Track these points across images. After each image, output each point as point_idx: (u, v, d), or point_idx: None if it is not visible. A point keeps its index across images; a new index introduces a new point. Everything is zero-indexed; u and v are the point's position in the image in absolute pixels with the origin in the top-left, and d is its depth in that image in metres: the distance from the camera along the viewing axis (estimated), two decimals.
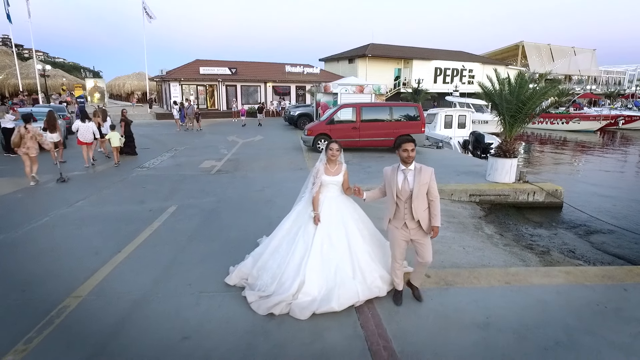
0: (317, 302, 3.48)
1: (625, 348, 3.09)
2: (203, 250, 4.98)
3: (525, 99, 8.32)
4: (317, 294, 3.55)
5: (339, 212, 3.85)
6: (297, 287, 3.55)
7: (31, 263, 4.57)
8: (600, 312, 3.60)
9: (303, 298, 3.51)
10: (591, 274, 4.44)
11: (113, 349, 3.03)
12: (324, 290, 3.58)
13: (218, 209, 6.84)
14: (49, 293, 3.84)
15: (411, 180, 3.40)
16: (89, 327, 3.32)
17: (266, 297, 3.57)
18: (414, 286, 3.80)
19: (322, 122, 13.59)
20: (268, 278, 3.77)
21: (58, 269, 4.39)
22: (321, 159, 3.90)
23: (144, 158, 12.00)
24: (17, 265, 4.53)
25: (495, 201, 8.54)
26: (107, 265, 4.48)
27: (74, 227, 5.83)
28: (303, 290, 3.54)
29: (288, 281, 3.63)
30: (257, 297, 3.60)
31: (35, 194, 7.81)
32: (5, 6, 26.77)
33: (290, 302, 3.48)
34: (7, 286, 4.00)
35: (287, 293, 3.52)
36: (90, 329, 3.29)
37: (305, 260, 3.67)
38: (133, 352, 2.99)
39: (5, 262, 4.61)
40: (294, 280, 3.59)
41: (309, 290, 3.55)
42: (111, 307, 3.62)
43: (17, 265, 4.53)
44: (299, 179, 9.05)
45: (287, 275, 3.68)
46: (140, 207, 6.92)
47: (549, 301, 3.77)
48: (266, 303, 3.49)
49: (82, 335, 3.20)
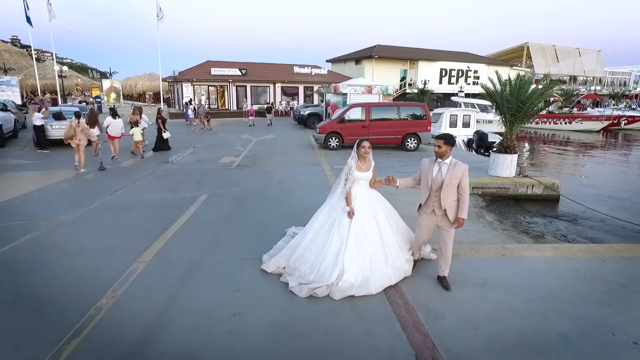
0: (355, 287, 3.81)
1: (597, 301, 3.79)
2: (238, 230, 5.74)
3: (525, 98, 9.00)
4: (354, 281, 3.87)
5: (370, 205, 4.15)
6: (337, 276, 3.87)
7: (95, 238, 5.36)
8: (579, 277, 4.31)
9: (343, 285, 3.82)
10: (576, 249, 5.14)
11: (182, 297, 3.79)
12: (361, 277, 3.90)
13: (244, 197, 7.60)
14: (117, 260, 4.61)
15: (445, 172, 3.77)
16: (158, 282, 4.08)
17: (306, 283, 3.90)
18: (443, 277, 4.06)
19: (333, 121, 14.32)
20: (306, 268, 4.06)
21: (120, 243, 5.18)
22: (352, 157, 4.12)
23: (167, 154, 12.81)
24: (84, 239, 5.32)
25: (497, 193, 9.21)
26: (159, 240, 5.26)
27: (122, 210, 6.63)
28: (343, 279, 3.85)
29: (327, 271, 3.93)
30: (297, 282, 3.93)
31: (78, 183, 8.63)
32: (25, 9, 27.85)
33: (329, 289, 3.81)
34: (83, 252, 4.79)
35: (327, 282, 3.84)
36: (159, 284, 4.05)
37: (343, 251, 3.96)
38: (203, 300, 3.75)
39: (74, 236, 5.40)
40: (333, 270, 3.90)
41: (348, 279, 3.86)
42: (173, 268, 4.39)
43: (84, 239, 5.32)
44: (314, 173, 9.92)
45: (326, 265, 3.97)
46: (174, 195, 7.71)
47: (537, 268, 4.48)
48: (307, 287, 3.83)
49: (155, 287, 3.96)
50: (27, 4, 27.77)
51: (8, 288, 3.98)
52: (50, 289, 3.96)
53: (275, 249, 4.69)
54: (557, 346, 3.08)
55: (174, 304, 3.67)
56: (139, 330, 3.25)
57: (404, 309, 3.58)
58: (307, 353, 2.99)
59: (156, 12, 26.74)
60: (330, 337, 3.18)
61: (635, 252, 5.07)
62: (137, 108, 13.11)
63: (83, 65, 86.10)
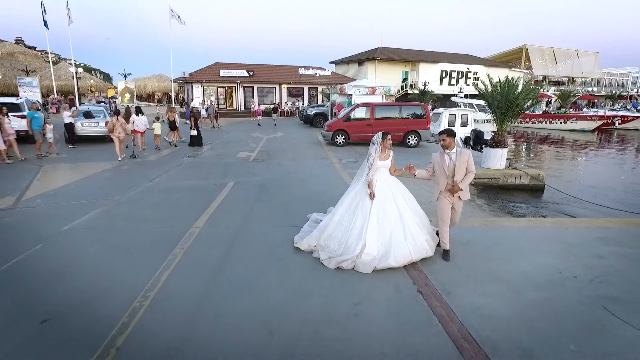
0: (377, 260, 4.35)
1: (554, 253, 4.91)
2: (266, 207, 6.89)
3: (513, 98, 10.13)
4: (376, 254, 4.39)
5: (390, 189, 4.70)
6: (360, 248, 4.41)
7: (152, 212, 6.52)
8: (544, 239, 5.43)
9: (365, 258, 4.35)
10: (545, 221, 6.29)
11: (235, 249, 4.94)
12: (382, 251, 4.43)
13: (266, 184, 8.75)
14: (176, 226, 5.75)
15: (454, 159, 4.51)
16: (214, 240, 5.22)
17: (334, 257, 4.51)
18: (446, 251, 4.76)
19: (340, 119, 15.48)
20: (335, 245, 4.65)
21: (173, 215, 6.33)
22: (375, 147, 4.67)
23: (188, 150, 13.99)
24: (143, 212, 6.48)
25: (488, 183, 10.34)
26: (205, 214, 6.40)
27: (165, 193, 7.79)
28: (365, 251, 4.38)
29: (352, 245, 4.49)
30: (327, 256, 4.55)
31: (118, 173, 9.80)
32: (42, 14, 29.11)
33: (353, 261, 4.37)
34: (147, 221, 5.94)
35: (352, 254, 4.40)
36: (215, 241, 5.19)
37: (365, 228, 4.50)
38: (253, 249, 4.89)
39: (134, 210, 6.55)
40: (357, 244, 4.45)
41: (370, 251, 4.39)
42: (223, 231, 5.54)
43: (143, 212, 6.48)
44: (323, 166, 11.09)
45: (351, 240, 4.54)
46: (206, 182, 8.86)
47: (511, 233, 5.61)
48: (335, 260, 4.43)
49: (213, 242, 5.10)
50: (44, 8, 29.08)
51: (101, 243, 5.13)
52: (135, 245, 5.11)
53: (302, 231, 5.31)
54: (518, 280, 4.21)
55: (230, 253, 4.82)
56: (209, 270, 4.40)
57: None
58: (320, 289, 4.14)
59: (169, 17, 27.91)
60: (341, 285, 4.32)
61: (595, 223, 6.20)
62: (170, 107, 14.54)
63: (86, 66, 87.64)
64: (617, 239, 5.46)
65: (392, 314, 3.54)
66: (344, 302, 3.72)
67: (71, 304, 3.62)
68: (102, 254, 4.80)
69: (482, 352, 3.01)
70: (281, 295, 3.85)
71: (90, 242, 5.17)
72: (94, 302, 3.68)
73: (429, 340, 3.16)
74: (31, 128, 11.57)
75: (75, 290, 3.89)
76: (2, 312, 3.50)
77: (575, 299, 3.84)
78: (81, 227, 5.73)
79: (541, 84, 48.13)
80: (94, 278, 4.15)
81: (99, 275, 4.21)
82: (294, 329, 3.30)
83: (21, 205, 6.77)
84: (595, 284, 4.13)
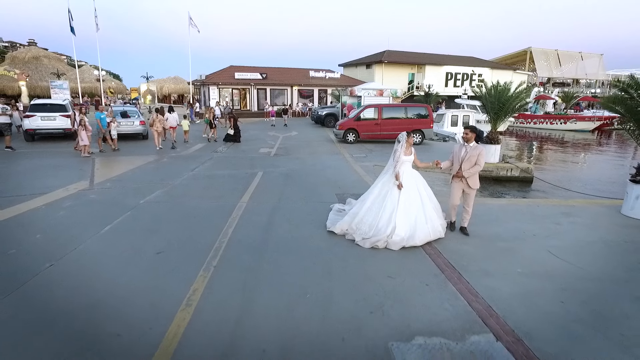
0: (404, 240, 5.11)
1: (525, 221, 6.35)
2: (294, 189, 8.42)
3: (504, 100, 11.56)
4: (404, 235, 5.14)
5: (414, 181, 5.44)
6: (390, 230, 5.17)
7: (205, 192, 8.08)
8: (519, 212, 6.88)
9: (395, 238, 5.10)
10: (522, 201, 7.78)
11: (278, 215, 6.46)
12: (408, 232, 5.17)
13: (291, 173, 10.28)
14: (227, 202, 7.29)
15: (468, 151, 5.42)
16: (259, 209, 6.75)
17: (368, 238, 5.23)
18: (464, 227, 5.77)
19: (350, 119, 16.99)
20: (366, 227, 5.37)
21: (222, 195, 7.88)
22: (401, 145, 5.36)
23: (214, 146, 15.61)
24: (198, 192, 8.04)
25: (482, 175, 11.55)
26: (246, 194, 7.95)
27: (208, 179, 9.37)
28: (395, 232, 5.13)
29: (383, 228, 5.22)
30: (361, 238, 5.28)
31: (162, 165, 11.41)
32: (69, 20, 31.05)
33: (386, 240, 5.13)
34: (204, 197, 7.49)
35: (383, 235, 5.13)
36: (260, 210, 6.72)
37: (395, 213, 5.24)
38: (292, 214, 6.41)
39: (190, 192, 8.12)
40: (388, 226, 5.20)
41: (399, 232, 5.14)
42: (264, 205, 7.07)
43: (198, 192, 8.04)
44: (337, 160, 12.63)
45: (382, 224, 5.26)
46: (238, 171, 10.43)
47: (492, 208, 7.07)
48: (369, 240, 5.17)
49: (259, 211, 6.63)
50: (71, 15, 31.01)
51: (174, 212, 6.69)
52: (200, 213, 6.65)
53: (330, 219, 6.06)
54: (490, 236, 5.67)
55: (274, 218, 6.35)
56: (262, 228, 5.94)
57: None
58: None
59: (188, 24, 29.66)
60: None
61: (563, 203, 7.64)
62: (209, 108, 16.69)
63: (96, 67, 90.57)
64: (576, 213, 6.90)
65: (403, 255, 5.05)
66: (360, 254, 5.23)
67: (177, 241, 5.17)
68: (178, 219, 6.35)
69: (453, 268, 4.50)
70: (316, 244, 5.36)
71: (165, 210, 6.76)
72: (189, 242, 5.23)
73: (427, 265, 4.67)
74: (102, 127, 13.13)
75: (172, 237, 5.44)
76: (124, 244, 5.05)
77: (530, 246, 5.31)
78: (153, 201, 7.33)
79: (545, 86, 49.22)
80: (179, 234, 5.70)
81: (183, 232, 5.76)
82: (333, 261, 4.82)
83: (97, 187, 8.38)
84: (548, 238, 5.59)
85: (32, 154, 12.41)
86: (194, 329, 3.32)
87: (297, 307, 3.71)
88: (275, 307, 3.70)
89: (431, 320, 3.50)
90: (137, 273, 4.39)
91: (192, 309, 3.61)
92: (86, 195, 7.70)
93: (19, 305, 3.68)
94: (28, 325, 3.36)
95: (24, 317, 3.48)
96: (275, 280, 4.26)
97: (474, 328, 3.39)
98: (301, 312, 3.63)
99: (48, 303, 3.73)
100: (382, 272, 4.45)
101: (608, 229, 6.11)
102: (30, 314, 3.53)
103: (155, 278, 4.26)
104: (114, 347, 3.09)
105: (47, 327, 3.34)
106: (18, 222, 6.04)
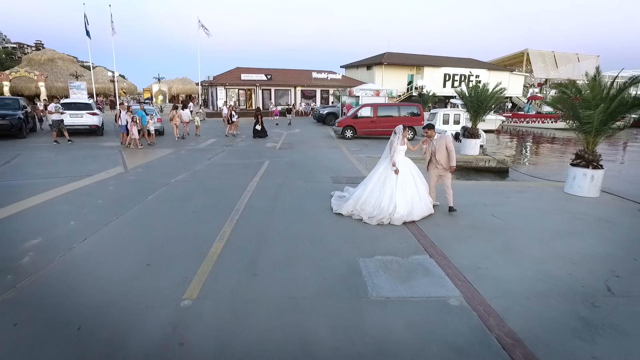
0: (404, 216, 6.02)
1: (479, 195, 7.89)
2: (297, 173, 10.01)
3: (482, 99, 13.10)
4: (403, 213, 6.03)
5: (408, 167, 6.39)
6: (392, 209, 6.02)
7: (221, 175, 9.69)
8: (479, 190, 8.43)
9: (397, 215, 5.98)
10: (486, 183, 9.33)
11: (285, 188, 8.05)
12: (407, 210, 6.08)
13: (294, 162, 11.87)
14: (242, 181, 8.88)
15: (435, 144, 6.58)
16: (269, 185, 8.33)
17: (373, 217, 6.07)
18: (451, 206, 6.60)
19: (349, 117, 18.57)
20: (370, 208, 6.16)
21: (237, 177, 9.48)
22: (397, 136, 6.23)
23: (225, 141, 17.25)
24: (217, 175, 9.64)
25: (463, 166, 13.25)
26: (256, 176, 9.54)
27: (223, 167, 10.99)
28: (396, 210, 6.00)
29: (385, 207, 6.05)
30: (367, 217, 6.09)
31: (180, 156, 13.05)
32: (85, 24, 32.86)
33: (389, 218, 5.99)
34: (223, 178, 9.09)
35: (387, 213, 6.01)
36: (269, 185, 8.31)
37: (394, 194, 6.10)
38: (296, 186, 8.00)
39: (209, 175, 9.71)
40: (390, 205, 6.05)
41: (399, 210, 6.02)
42: (272, 182, 8.66)
43: (217, 175, 9.64)
44: (335, 153, 14.24)
45: (384, 204, 6.09)
46: (249, 161, 12.04)
47: (459, 187, 8.58)
48: (375, 218, 6.01)
49: (269, 185, 8.21)
50: (87, 19, 32.83)
51: (200, 187, 8.29)
52: (222, 188, 8.23)
53: (334, 204, 6.83)
54: (466, 210, 7.22)
55: (280, 191, 7.94)
56: (271, 197, 7.52)
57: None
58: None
59: (197, 26, 31.43)
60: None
61: (521, 185, 9.17)
62: (231, 106, 18.83)
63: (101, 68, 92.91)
64: (527, 191, 8.45)
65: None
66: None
67: (206, 205, 6.76)
68: (204, 192, 7.96)
69: (421, 229, 6.06)
70: (312, 208, 6.94)
71: (193, 187, 8.38)
72: (215, 206, 6.83)
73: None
74: (142, 123, 14.89)
75: (202, 203, 7.03)
76: (167, 206, 6.65)
77: (479, 211, 6.86)
78: (181, 180, 8.96)
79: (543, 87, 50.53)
80: (207, 201, 7.29)
81: (210, 200, 7.35)
82: (324, 219, 6.40)
83: (131, 171, 10.01)
84: (495, 206, 7.14)
85: (70, 147, 14.11)
86: (227, 249, 4.93)
87: (297, 244, 5.29)
88: (282, 243, 5.29)
89: (389, 249, 5.07)
90: (183, 221, 6.05)
91: (224, 241, 5.22)
92: (125, 176, 9.34)
93: (112, 233, 5.31)
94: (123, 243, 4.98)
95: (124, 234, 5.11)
96: (281, 228, 5.86)
97: (418, 252, 4.97)
98: (300, 246, 5.21)
99: (132, 230, 5.36)
100: (359, 225, 6.03)
101: (547, 201, 7.64)
102: (121, 236, 5.16)
103: (197, 225, 5.88)
104: (178, 253, 4.69)
105: (133, 244, 4.96)
106: (83, 192, 7.70)
